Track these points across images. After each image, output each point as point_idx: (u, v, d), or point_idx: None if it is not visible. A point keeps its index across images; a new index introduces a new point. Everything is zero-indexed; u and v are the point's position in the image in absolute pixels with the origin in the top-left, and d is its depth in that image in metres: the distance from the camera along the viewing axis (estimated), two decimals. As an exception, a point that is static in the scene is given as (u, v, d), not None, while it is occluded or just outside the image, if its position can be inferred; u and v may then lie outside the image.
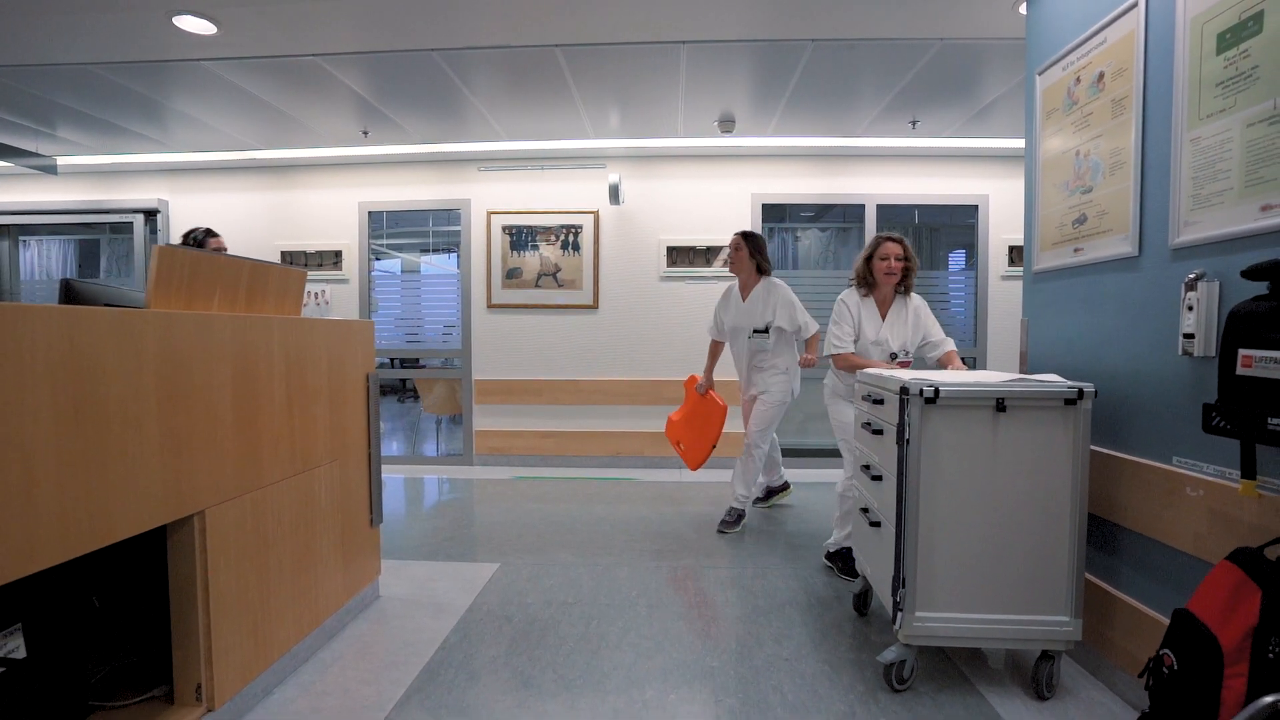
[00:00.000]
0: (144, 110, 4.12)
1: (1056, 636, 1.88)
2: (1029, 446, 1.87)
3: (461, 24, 3.02)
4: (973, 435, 1.88)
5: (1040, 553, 1.88)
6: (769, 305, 3.43)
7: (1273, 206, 1.43)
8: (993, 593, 1.90)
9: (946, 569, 1.91)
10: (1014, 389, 1.87)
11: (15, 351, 1.19)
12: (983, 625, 1.90)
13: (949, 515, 1.90)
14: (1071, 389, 1.83)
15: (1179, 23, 1.69)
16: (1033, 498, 1.87)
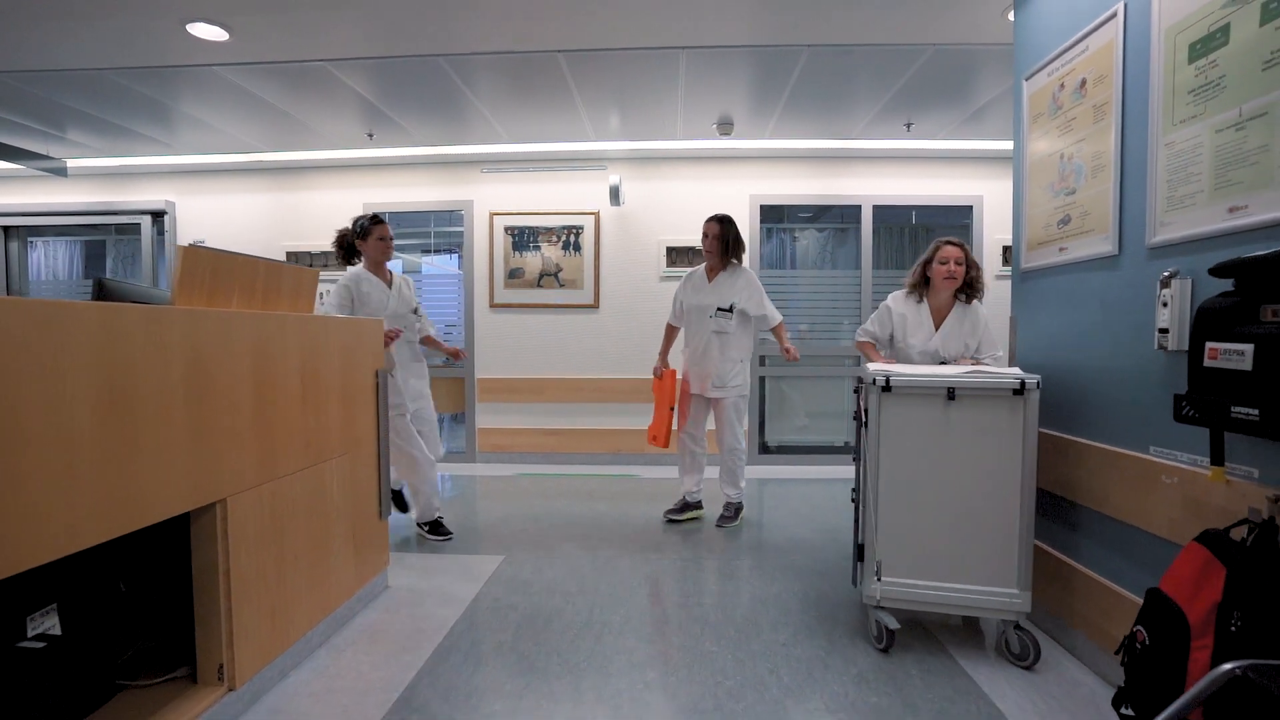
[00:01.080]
0: (152, 113, 4.20)
1: (1007, 607, 2.04)
2: (979, 432, 2.05)
3: (467, 30, 3.10)
4: (925, 420, 2.09)
5: (991, 528, 2.05)
6: (734, 287, 3.44)
7: (1239, 208, 1.52)
8: (947, 563, 2.08)
9: (904, 539, 2.11)
10: (963, 380, 2.05)
11: (59, 344, 1.27)
12: (938, 592, 2.09)
13: (905, 491, 2.11)
14: (1016, 380, 1.99)
15: (1154, 32, 1.78)
16: (983, 478, 2.05)
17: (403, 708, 1.85)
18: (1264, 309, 1.34)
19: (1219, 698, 1.28)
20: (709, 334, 3.44)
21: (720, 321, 3.42)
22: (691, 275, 3.59)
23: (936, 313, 2.73)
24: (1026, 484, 2.02)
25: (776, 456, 5.27)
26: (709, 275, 3.51)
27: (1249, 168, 1.49)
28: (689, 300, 3.53)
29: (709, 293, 3.47)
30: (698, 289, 3.52)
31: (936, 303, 2.73)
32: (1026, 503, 2.02)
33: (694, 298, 3.51)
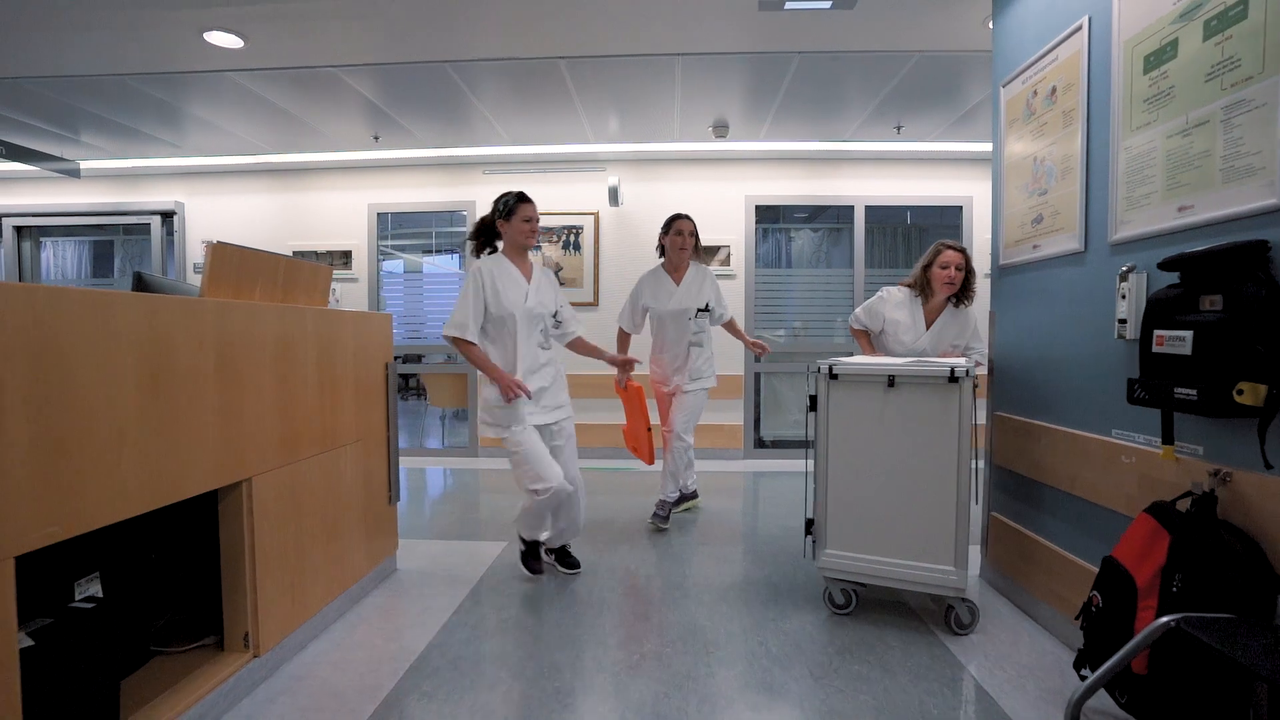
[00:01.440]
0: (163, 116, 4.33)
1: (945, 584, 2.16)
2: (917, 417, 2.18)
3: (472, 38, 3.24)
4: (868, 406, 2.25)
5: (929, 508, 2.17)
6: (703, 286, 3.37)
7: (1186, 207, 1.65)
8: (890, 539, 2.23)
9: (851, 516, 2.28)
10: (902, 369, 2.20)
11: (109, 330, 1.40)
12: (882, 566, 2.24)
13: (851, 471, 2.27)
14: (948, 368, 2.13)
15: (1115, 45, 1.91)
16: (921, 461, 2.18)
17: (415, 675, 1.98)
18: (1203, 299, 1.47)
19: (1163, 649, 1.42)
20: (688, 338, 3.36)
21: (700, 323, 3.37)
22: (653, 278, 3.42)
23: (930, 313, 2.84)
24: (962, 467, 2.13)
25: (771, 451, 5.40)
26: (674, 276, 3.38)
27: (1195, 171, 1.62)
28: (660, 306, 3.37)
29: (682, 295, 3.35)
30: (668, 293, 3.36)
31: (931, 304, 2.82)
32: (962, 485, 2.14)
33: (667, 303, 3.35)
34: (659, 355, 3.46)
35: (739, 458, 5.29)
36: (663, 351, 3.44)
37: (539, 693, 1.88)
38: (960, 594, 2.17)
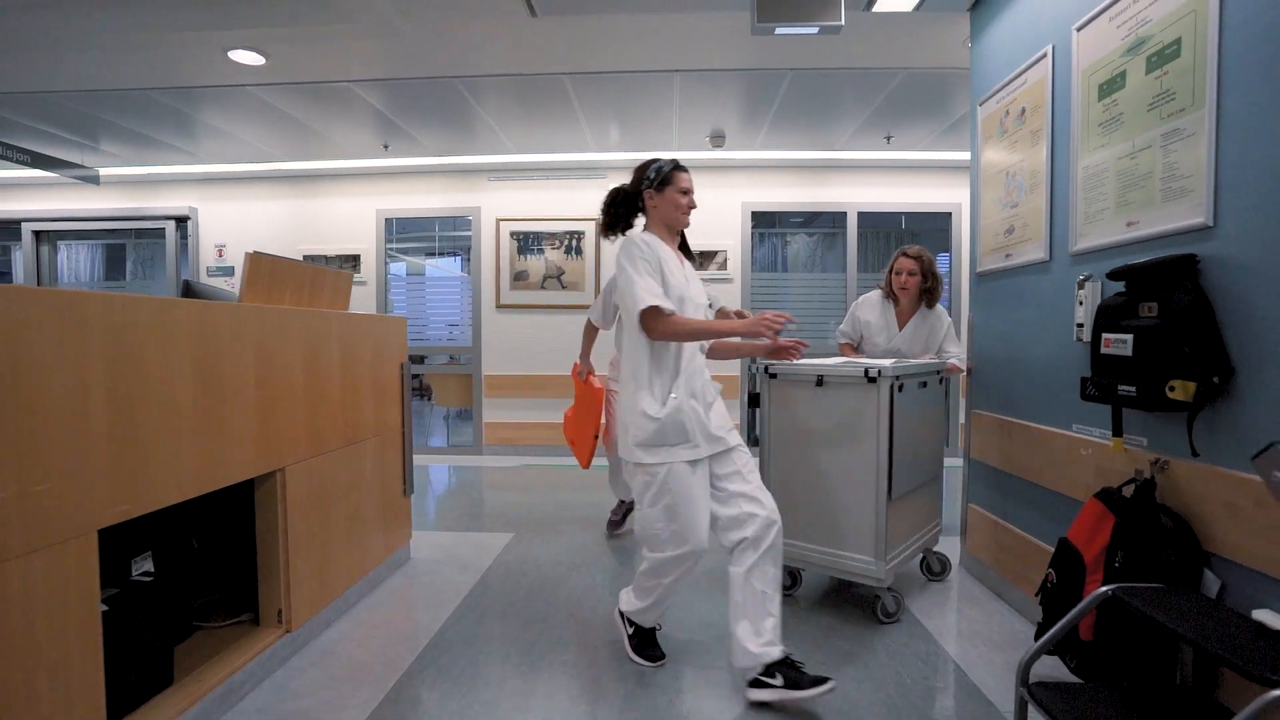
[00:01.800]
0: (180, 125, 4.51)
1: (867, 574, 2.27)
2: (843, 415, 2.31)
3: (481, 55, 3.42)
4: (802, 403, 2.41)
5: (853, 503, 2.30)
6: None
7: (1134, 223, 1.83)
8: (822, 529, 2.37)
9: (790, 504, 2.35)
10: (828, 368, 2.34)
11: (169, 333, 1.57)
12: (816, 553, 2.38)
13: (789, 462, 2.43)
14: (863, 368, 2.25)
15: (1075, 72, 2.09)
16: (846, 457, 2.30)
17: (432, 650, 2.15)
18: (1142, 305, 1.65)
19: (1106, 618, 1.59)
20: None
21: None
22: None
23: (901, 316, 2.97)
24: (881, 463, 2.22)
25: (767, 449, 5.57)
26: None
27: (1140, 190, 1.80)
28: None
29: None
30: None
31: (901, 307, 2.96)
32: (881, 480, 2.23)
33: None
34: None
35: (735, 456, 5.46)
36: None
37: (547, 666, 2.05)
38: (882, 584, 2.27)
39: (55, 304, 1.28)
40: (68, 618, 1.29)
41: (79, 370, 1.32)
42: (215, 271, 5.78)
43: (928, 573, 2.74)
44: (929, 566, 2.74)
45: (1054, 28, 2.22)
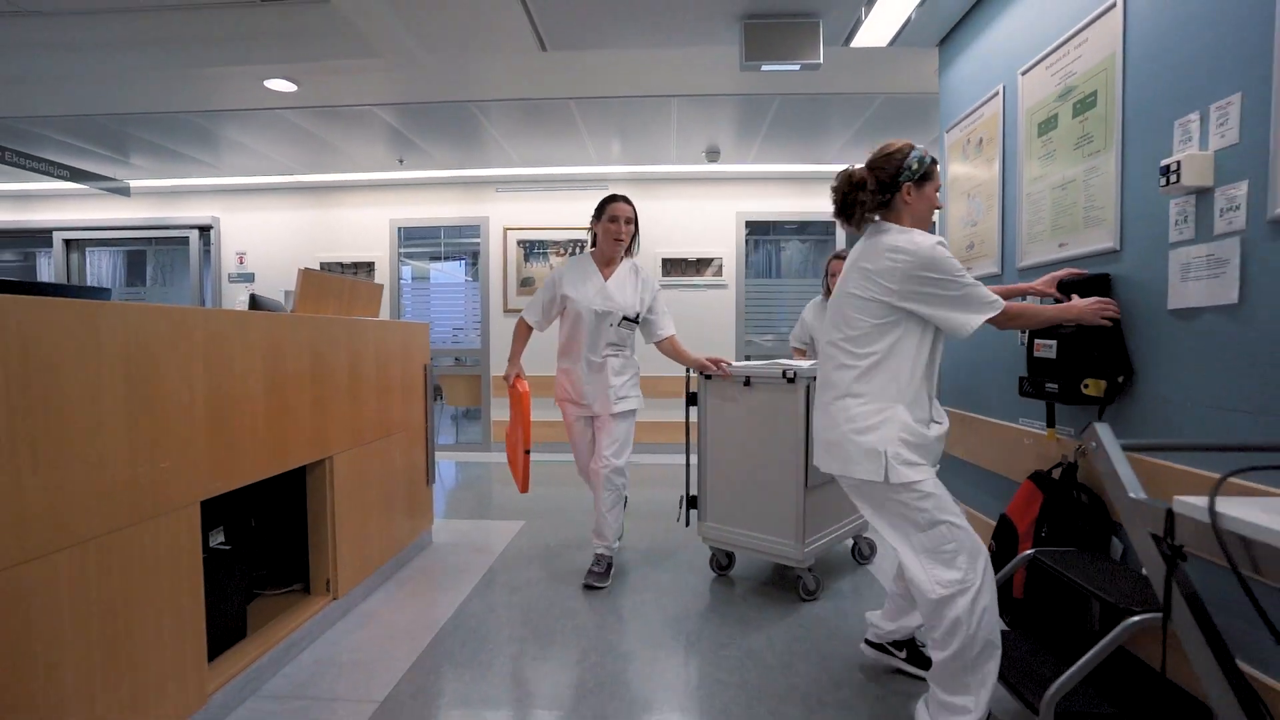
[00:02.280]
0: (204, 140, 4.80)
1: (789, 555, 2.52)
2: (768, 412, 2.55)
3: (493, 82, 3.72)
4: (733, 402, 2.65)
5: (777, 491, 2.53)
6: (638, 289, 2.82)
7: (1065, 244, 2.13)
8: (751, 515, 2.62)
9: (722, 492, 2.69)
10: (754, 370, 2.59)
11: (247, 341, 1.88)
12: (747, 537, 2.64)
13: (722, 455, 2.68)
14: (781, 369, 2.50)
15: (1020, 110, 2.40)
16: (771, 449, 2.54)
17: (459, 617, 2.46)
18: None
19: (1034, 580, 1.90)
20: (604, 346, 2.77)
21: (622, 333, 2.80)
22: (577, 266, 2.85)
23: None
24: (799, 455, 2.44)
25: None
26: (603, 270, 2.82)
27: (1068, 216, 2.11)
28: (582, 300, 2.74)
29: (609, 296, 2.76)
30: (595, 288, 2.77)
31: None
32: (799, 471, 2.46)
33: (590, 299, 2.75)
34: (569, 365, 2.82)
35: (730, 452, 5.77)
36: (574, 360, 2.79)
37: (560, 629, 2.36)
38: (802, 565, 2.52)
39: (171, 319, 1.58)
40: (181, 571, 1.59)
41: (187, 373, 1.62)
42: (236, 278, 6.08)
43: (858, 557, 3.00)
44: (859, 551, 3.00)
45: (1004, 70, 2.52)
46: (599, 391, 2.78)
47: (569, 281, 2.80)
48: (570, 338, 2.81)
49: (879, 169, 1.73)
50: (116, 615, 1.41)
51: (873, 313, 1.68)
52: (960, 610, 1.53)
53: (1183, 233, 1.64)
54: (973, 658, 1.52)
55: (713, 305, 5.81)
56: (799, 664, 2.09)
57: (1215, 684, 0.93)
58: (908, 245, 1.64)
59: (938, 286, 1.63)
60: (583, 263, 2.88)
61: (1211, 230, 1.55)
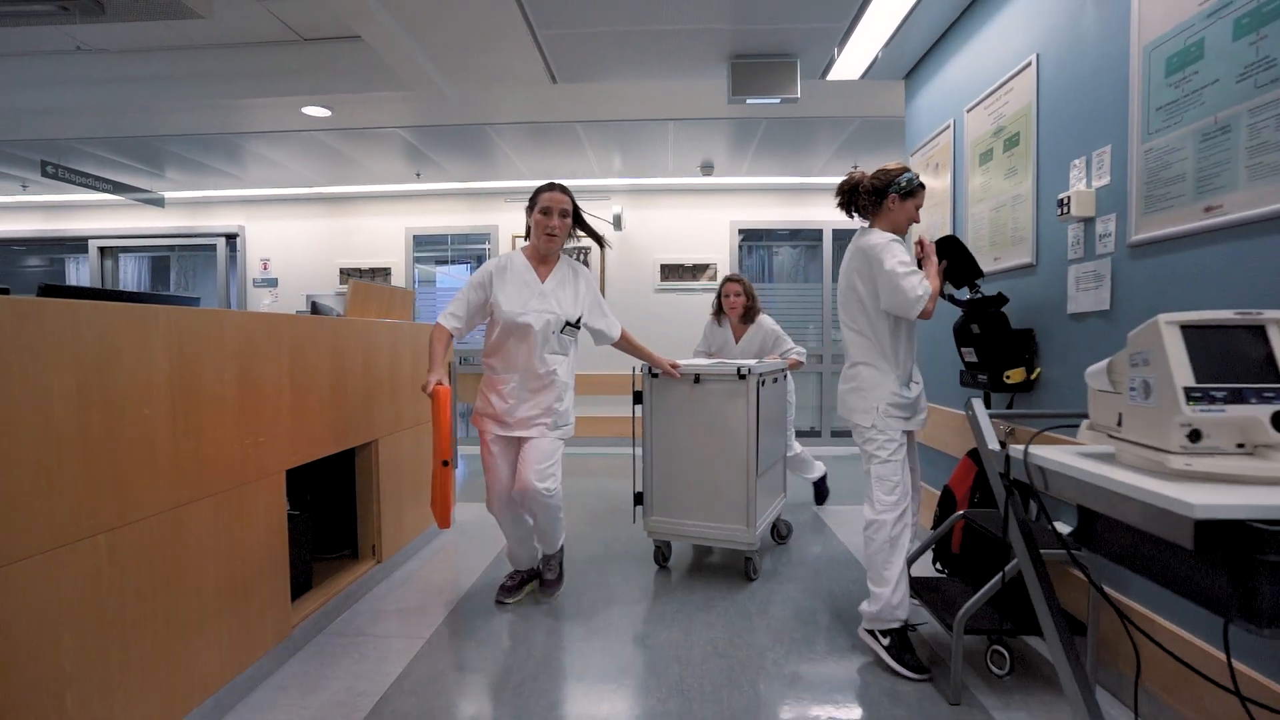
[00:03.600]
0: (232, 155, 5.19)
1: (740, 540, 2.71)
2: (716, 407, 2.71)
3: (509, 109, 4.13)
4: (681, 399, 2.78)
5: (727, 481, 2.69)
6: (579, 293, 2.54)
7: (999, 258, 2.53)
8: (699, 505, 2.75)
9: (670, 487, 2.80)
10: (705, 368, 2.75)
11: (317, 340, 2.28)
12: (695, 527, 2.78)
13: (670, 450, 2.80)
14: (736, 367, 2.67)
15: (966, 142, 2.80)
16: (720, 441, 2.70)
17: (486, 577, 2.85)
18: (970, 325, 2.35)
19: (968, 537, 2.29)
20: (548, 358, 2.43)
21: (565, 340, 2.50)
22: (510, 265, 2.46)
23: (735, 330, 3.66)
24: (751, 445, 2.64)
25: (753, 439, 6.28)
26: (539, 268, 2.48)
27: (1001, 235, 2.51)
28: (518, 308, 2.38)
29: (548, 299, 2.44)
30: (529, 289, 2.43)
31: (733, 322, 3.65)
32: (750, 460, 2.64)
33: (531, 302, 2.40)
34: (502, 377, 2.44)
35: (725, 445, 6.17)
36: (508, 373, 2.43)
37: (575, 588, 2.75)
38: (752, 547, 2.70)
39: (268, 325, 1.98)
40: (274, 526, 1.99)
41: (277, 367, 2.02)
42: (260, 282, 6.47)
43: (776, 537, 3.23)
44: (778, 532, 3.25)
45: (954, 106, 2.93)
46: (536, 413, 2.41)
47: (501, 284, 2.40)
48: (502, 348, 2.43)
49: (876, 179, 2.17)
50: (234, 555, 1.81)
51: (862, 303, 2.15)
52: (887, 525, 2.05)
53: (1076, 252, 2.04)
54: (884, 559, 2.05)
55: (707, 309, 6.19)
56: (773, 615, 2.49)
57: (1033, 586, 1.33)
58: (869, 241, 2.12)
59: (880, 266, 2.05)
60: (515, 262, 2.47)
61: (1095, 251, 1.95)
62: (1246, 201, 1.44)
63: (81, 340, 1.37)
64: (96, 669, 1.39)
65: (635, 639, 2.28)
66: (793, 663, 2.10)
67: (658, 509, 2.85)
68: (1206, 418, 0.95)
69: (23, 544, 1.24)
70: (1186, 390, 0.96)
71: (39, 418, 1.28)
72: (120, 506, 1.46)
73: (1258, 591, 0.82)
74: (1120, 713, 1.82)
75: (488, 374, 2.52)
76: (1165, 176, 1.67)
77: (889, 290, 2.03)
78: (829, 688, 1.96)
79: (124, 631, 1.46)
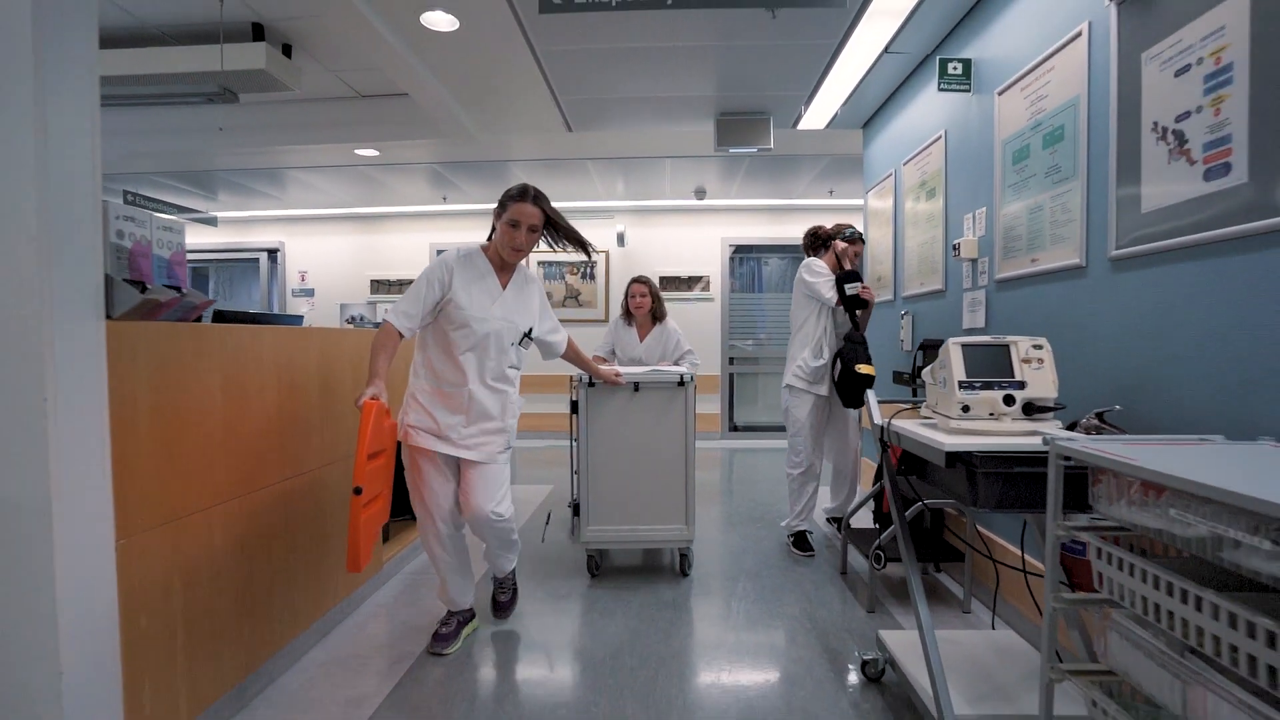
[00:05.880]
0: (278, 181, 5.89)
1: (678, 538, 2.85)
2: (656, 414, 2.79)
3: (528, 149, 4.83)
4: (619, 408, 2.80)
5: (665, 483, 2.81)
6: (534, 302, 2.39)
7: (923, 283, 3.23)
8: (638, 510, 2.82)
9: (607, 495, 2.81)
10: (645, 376, 2.81)
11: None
12: (633, 532, 2.83)
13: (606, 460, 2.80)
14: (678, 375, 2.80)
15: (903, 189, 3.50)
16: (660, 446, 2.80)
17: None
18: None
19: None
20: (500, 369, 2.24)
21: (520, 352, 2.34)
22: (471, 266, 2.23)
23: (640, 330, 3.72)
24: (689, 449, 2.78)
25: (742, 433, 6.98)
26: (499, 274, 2.29)
27: (925, 266, 3.21)
28: (480, 314, 2.18)
29: (511, 306, 2.27)
30: (493, 297, 2.23)
31: (638, 322, 3.71)
32: (689, 461, 2.80)
33: (493, 309, 2.21)
34: (450, 390, 2.21)
35: (717, 438, 6.87)
36: (457, 385, 2.20)
37: (589, 544, 3.44)
38: (688, 544, 2.88)
39: (355, 341, 2.68)
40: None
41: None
42: (299, 293, 7.17)
43: (683, 570, 2.98)
44: (688, 563, 2.97)
45: (895, 158, 3.63)
46: (485, 432, 2.20)
47: (463, 284, 2.18)
48: (453, 356, 2.17)
49: (824, 231, 3.32)
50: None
51: (800, 304, 3.29)
52: (793, 478, 3.25)
53: (968, 284, 2.74)
54: (792, 499, 3.27)
55: (702, 316, 6.91)
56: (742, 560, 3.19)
57: (897, 515, 2.02)
58: (806, 266, 3.24)
59: (807, 285, 3.21)
60: (477, 263, 2.25)
61: (978, 283, 2.66)
62: (1050, 257, 2.15)
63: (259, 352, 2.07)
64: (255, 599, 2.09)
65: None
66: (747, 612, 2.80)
67: (595, 519, 2.85)
68: (971, 398, 1.65)
69: (202, 500, 1.94)
70: (960, 382, 1.66)
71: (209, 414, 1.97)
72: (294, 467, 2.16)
73: (977, 487, 1.52)
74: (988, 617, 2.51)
75: (428, 384, 2.20)
76: (1012, 234, 2.37)
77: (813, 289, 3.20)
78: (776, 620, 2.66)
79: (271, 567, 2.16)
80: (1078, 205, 2.01)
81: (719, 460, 5.91)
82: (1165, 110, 1.65)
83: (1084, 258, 1.99)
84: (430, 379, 2.23)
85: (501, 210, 2.25)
